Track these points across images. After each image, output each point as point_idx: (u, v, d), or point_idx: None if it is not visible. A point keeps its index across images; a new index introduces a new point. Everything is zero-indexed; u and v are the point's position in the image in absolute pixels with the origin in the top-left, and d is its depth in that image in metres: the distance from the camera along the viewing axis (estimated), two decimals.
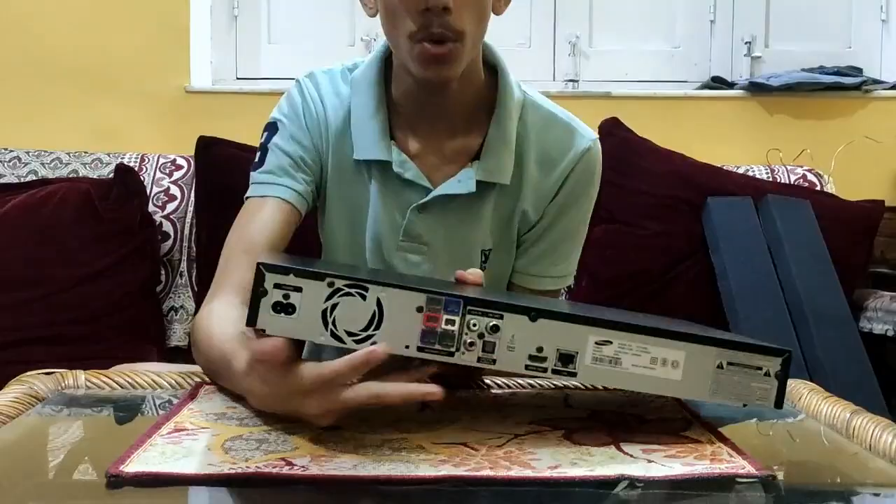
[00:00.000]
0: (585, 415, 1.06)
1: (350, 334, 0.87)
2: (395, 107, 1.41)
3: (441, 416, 1.01)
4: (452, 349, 0.89)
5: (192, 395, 1.09)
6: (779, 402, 0.97)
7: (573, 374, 0.92)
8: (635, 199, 2.56)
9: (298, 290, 0.87)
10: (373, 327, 0.87)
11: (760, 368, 0.96)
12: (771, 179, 2.71)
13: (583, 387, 1.18)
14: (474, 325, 0.89)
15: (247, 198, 1.40)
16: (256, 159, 1.42)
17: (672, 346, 0.94)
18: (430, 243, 1.42)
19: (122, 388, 1.16)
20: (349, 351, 0.87)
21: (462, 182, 1.39)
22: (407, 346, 0.88)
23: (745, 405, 0.97)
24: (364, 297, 0.87)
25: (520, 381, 1.20)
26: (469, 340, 0.89)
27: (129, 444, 0.88)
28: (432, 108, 1.39)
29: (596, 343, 0.92)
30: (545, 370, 0.92)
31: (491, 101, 1.41)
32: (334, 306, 0.87)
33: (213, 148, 2.53)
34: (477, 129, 1.41)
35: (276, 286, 0.87)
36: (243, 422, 0.98)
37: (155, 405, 1.12)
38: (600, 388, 1.17)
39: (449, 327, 0.88)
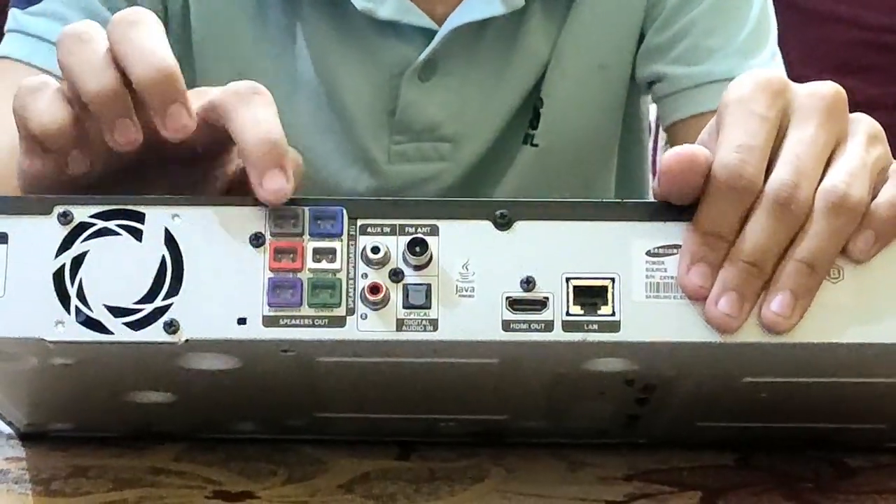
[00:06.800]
0: (733, 461, 0.53)
1: (117, 312, 0.44)
2: None
3: (447, 471, 0.49)
4: (337, 309, 0.43)
5: None
6: None
7: (611, 326, 0.43)
8: (827, 34, 1.49)
9: (1, 238, 0.44)
10: (163, 291, 0.44)
11: None
12: None
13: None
14: (376, 251, 0.44)
15: None
16: None
17: None
18: (457, 134, 0.82)
19: None
20: (122, 347, 0.43)
21: None
22: (242, 321, 0.43)
23: None
24: (139, 236, 0.45)
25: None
26: (370, 285, 0.43)
27: None
28: None
29: (648, 255, 0.43)
30: (549, 326, 0.42)
31: None
32: (78, 261, 0.44)
33: None
34: None
35: None
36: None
37: None
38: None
39: (324, 265, 0.44)
